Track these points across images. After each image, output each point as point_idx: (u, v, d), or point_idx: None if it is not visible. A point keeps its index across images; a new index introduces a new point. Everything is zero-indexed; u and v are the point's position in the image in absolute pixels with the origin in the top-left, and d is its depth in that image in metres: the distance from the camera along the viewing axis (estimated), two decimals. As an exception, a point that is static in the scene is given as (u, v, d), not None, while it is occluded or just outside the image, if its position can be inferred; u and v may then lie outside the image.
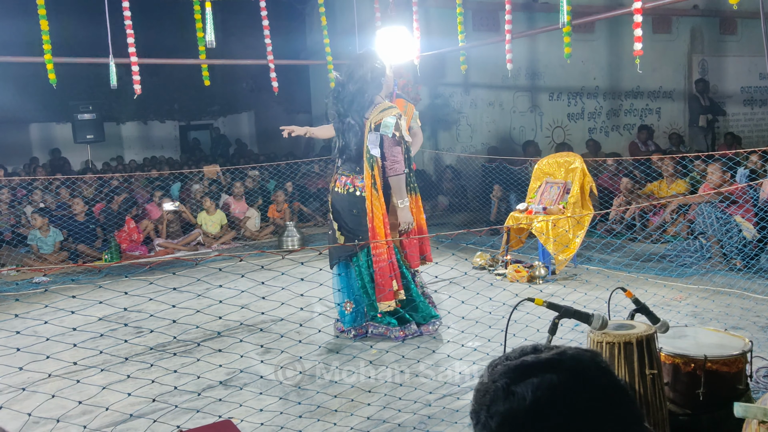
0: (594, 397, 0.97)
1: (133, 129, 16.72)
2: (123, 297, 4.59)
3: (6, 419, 3.13)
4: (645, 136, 10.86)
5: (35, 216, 7.52)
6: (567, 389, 0.96)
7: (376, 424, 2.99)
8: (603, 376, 1.00)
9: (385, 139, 4.10)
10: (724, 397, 2.50)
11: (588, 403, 0.96)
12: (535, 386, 0.96)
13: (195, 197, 9.18)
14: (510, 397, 0.97)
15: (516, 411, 0.96)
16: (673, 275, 5.49)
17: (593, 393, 0.97)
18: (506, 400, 0.97)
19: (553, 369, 0.99)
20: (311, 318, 4.74)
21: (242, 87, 16.88)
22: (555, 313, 2.26)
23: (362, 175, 4.16)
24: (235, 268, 6.32)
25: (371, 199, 4.10)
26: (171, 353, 4.10)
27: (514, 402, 0.96)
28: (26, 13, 6.98)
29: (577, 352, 1.03)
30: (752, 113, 13.51)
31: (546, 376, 0.97)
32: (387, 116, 4.08)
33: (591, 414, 0.96)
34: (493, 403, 0.99)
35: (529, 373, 0.99)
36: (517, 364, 1.02)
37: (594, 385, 0.98)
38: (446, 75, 10.48)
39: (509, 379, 0.99)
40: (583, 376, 0.99)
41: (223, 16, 14.01)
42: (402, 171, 4.12)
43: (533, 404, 0.95)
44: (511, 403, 0.97)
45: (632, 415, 0.99)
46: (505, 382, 0.99)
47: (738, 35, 13.11)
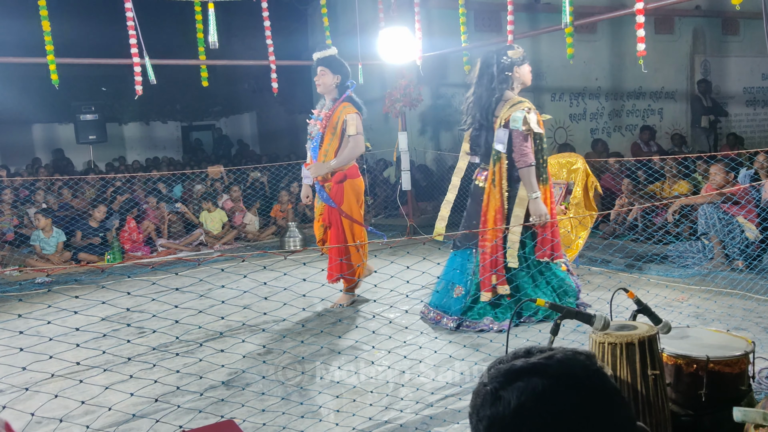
0: (580, 401, 0.97)
1: (135, 129, 16.75)
2: (126, 297, 4.60)
3: (9, 419, 3.13)
4: (647, 137, 10.84)
5: (38, 216, 7.54)
6: (551, 393, 0.96)
7: (378, 425, 2.99)
8: (591, 379, 1.00)
9: (514, 134, 4.19)
10: (727, 398, 2.50)
11: (573, 407, 0.96)
12: (520, 390, 0.97)
13: (197, 197, 9.20)
14: (497, 402, 0.98)
15: (501, 415, 0.97)
16: (675, 276, 5.49)
17: (580, 396, 0.97)
18: (493, 404, 0.98)
19: (538, 373, 0.99)
20: (313, 318, 4.74)
21: (244, 88, 16.88)
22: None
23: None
24: (237, 269, 6.33)
25: (488, 192, 4.25)
26: (173, 353, 4.11)
27: (500, 406, 0.97)
28: (28, 14, 6.99)
29: (565, 355, 1.03)
30: (755, 114, 13.49)
31: (531, 380, 0.97)
32: (515, 111, 4.16)
33: (576, 417, 0.95)
34: (482, 407, 1.00)
35: (516, 377, 0.99)
36: (507, 368, 1.02)
37: (580, 389, 0.98)
38: (448, 76, 10.48)
39: (498, 383, 1.00)
40: (569, 380, 0.98)
41: (225, 17, 14.02)
42: (531, 163, 4.20)
43: (517, 408, 0.96)
44: (497, 407, 0.97)
45: (622, 417, 0.99)
46: (494, 386, 1.00)
47: (740, 36, 13.09)
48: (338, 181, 4.92)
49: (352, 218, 4.90)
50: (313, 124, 5.07)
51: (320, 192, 4.97)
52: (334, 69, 5.00)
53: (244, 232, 8.70)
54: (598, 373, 1.02)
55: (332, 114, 4.93)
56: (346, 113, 4.90)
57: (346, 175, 4.95)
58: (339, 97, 4.98)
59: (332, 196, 4.91)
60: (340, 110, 4.92)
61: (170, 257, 7.37)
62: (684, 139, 11.57)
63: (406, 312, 4.68)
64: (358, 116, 4.94)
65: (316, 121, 5.05)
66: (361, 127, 4.94)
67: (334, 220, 4.96)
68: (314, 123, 5.06)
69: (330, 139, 4.93)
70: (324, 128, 4.95)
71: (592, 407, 0.97)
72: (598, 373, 1.02)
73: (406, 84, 7.97)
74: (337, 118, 4.91)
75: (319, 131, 4.98)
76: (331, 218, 4.97)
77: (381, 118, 10.98)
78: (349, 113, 4.90)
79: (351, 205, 4.95)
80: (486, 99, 4.27)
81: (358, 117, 4.92)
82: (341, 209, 4.89)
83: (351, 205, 4.95)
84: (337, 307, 5.00)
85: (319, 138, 4.97)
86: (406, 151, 8.09)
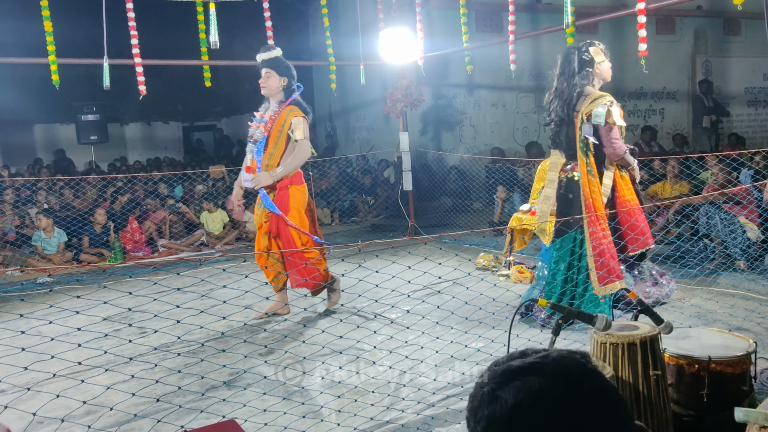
0: (576, 400, 0.97)
1: (136, 130, 16.76)
2: (127, 297, 4.60)
3: (11, 419, 3.14)
4: (648, 137, 10.83)
5: (39, 217, 7.55)
6: (548, 392, 0.97)
7: (379, 425, 2.99)
8: (587, 378, 1.01)
9: (599, 129, 4.23)
10: (728, 399, 2.50)
11: (570, 406, 0.96)
12: (517, 390, 0.97)
13: (198, 197, 9.20)
14: (494, 402, 0.98)
15: (498, 415, 0.97)
16: (676, 276, 5.48)
17: (576, 395, 0.98)
18: (490, 404, 0.99)
19: (535, 372, 0.99)
20: (314, 318, 4.74)
21: (245, 88, 16.89)
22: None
23: (575, 162, 4.35)
24: (238, 269, 6.33)
25: (588, 185, 4.25)
26: (175, 353, 4.11)
27: (497, 406, 0.97)
28: (30, 15, 7.00)
29: (560, 354, 1.04)
30: (756, 114, 13.48)
31: (528, 380, 0.98)
32: (597, 106, 4.19)
33: (572, 416, 0.96)
34: (479, 407, 1.00)
35: (512, 377, 1.00)
36: (504, 368, 1.03)
37: (577, 388, 0.99)
38: (449, 76, 10.48)
39: (495, 384, 1.01)
40: (565, 379, 0.99)
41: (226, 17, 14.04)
42: (624, 150, 4.26)
43: (514, 407, 0.96)
44: (494, 407, 0.98)
45: (619, 416, 1.00)
46: (491, 387, 1.01)
47: (742, 36, 13.08)
48: (283, 188, 4.73)
49: (297, 227, 4.68)
50: (256, 126, 4.83)
51: (264, 198, 4.73)
52: (281, 71, 4.81)
53: (245, 232, 8.71)
54: (594, 372, 1.02)
55: (278, 117, 4.73)
56: (292, 116, 4.71)
57: (291, 181, 4.74)
58: (285, 100, 4.80)
59: (277, 203, 4.70)
60: (287, 113, 4.73)
61: (172, 257, 7.38)
62: (685, 140, 11.56)
63: (407, 312, 4.68)
64: (305, 120, 4.75)
65: (260, 123, 4.82)
66: (308, 132, 4.75)
67: (281, 228, 4.73)
68: (257, 125, 4.82)
69: (275, 142, 4.73)
70: (269, 131, 4.74)
71: (588, 405, 0.97)
72: (594, 371, 1.03)
73: (408, 84, 7.97)
74: (284, 121, 4.71)
75: (263, 134, 4.76)
76: (279, 226, 4.74)
77: (382, 119, 10.98)
78: (295, 116, 4.72)
79: (296, 213, 4.74)
80: (567, 94, 4.32)
81: (305, 121, 4.74)
82: (286, 218, 4.66)
83: (296, 213, 4.74)
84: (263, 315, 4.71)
85: (264, 141, 4.76)
86: (408, 151, 8.09)
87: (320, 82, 14.17)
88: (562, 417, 0.95)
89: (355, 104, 12.61)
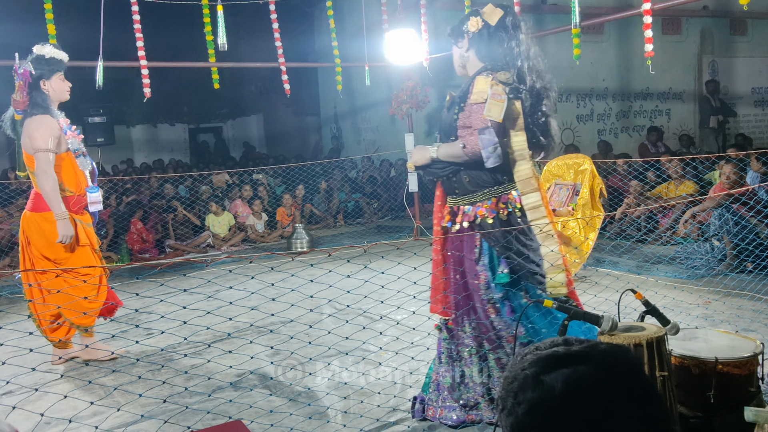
0: (623, 392, 0.97)
1: (142, 132, 16.82)
2: (134, 298, 4.61)
3: (19, 420, 3.15)
4: (655, 138, 10.80)
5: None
6: (597, 381, 0.97)
7: (385, 426, 2.99)
8: (633, 372, 1.00)
9: None
10: (736, 400, 2.48)
11: (617, 397, 0.96)
12: (566, 376, 0.97)
13: (203, 198, 9.22)
14: (539, 386, 0.98)
15: (545, 399, 0.97)
16: (683, 277, 5.46)
17: (623, 387, 0.97)
18: (535, 388, 0.98)
19: (583, 361, 0.99)
20: (321, 320, 4.75)
21: (251, 90, 16.95)
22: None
23: None
24: (244, 270, 6.35)
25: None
26: (182, 354, 4.12)
27: (543, 391, 0.97)
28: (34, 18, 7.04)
29: (608, 346, 1.04)
30: (763, 114, 13.42)
31: (577, 368, 0.98)
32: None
33: (619, 408, 0.95)
34: (522, 390, 0.99)
35: (559, 364, 0.99)
36: (549, 353, 1.02)
37: (624, 380, 0.98)
38: (455, 77, 10.39)
39: (539, 368, 1.00)
40: (613, 370, 0.99)
41: (231, 19, 14.08)
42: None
43: (563, 394, 0.96)
44: (540, 391, 0.97)
45: (662, 414, 0.99)
46: (535, 370, 1.00)
47: (748, 36, 13.03)
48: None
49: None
50: (72, 137, 4.32)
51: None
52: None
53: (250, 235, 8.74)
54: (638, 367, 1.03)
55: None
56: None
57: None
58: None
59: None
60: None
61: (178, 259, 7.40)
62: (692, 140, 11.51)
63: (413, 313, 4.67)
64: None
65: (72, 133, 4.36)
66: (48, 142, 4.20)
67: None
68: (72, 136, 4.32)
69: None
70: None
71: (634, 398, 0.97)
72: (638, 366, 1.03)
73: (413, 85, 7.97)
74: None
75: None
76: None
77: (388, 120, 10.99)
78: None
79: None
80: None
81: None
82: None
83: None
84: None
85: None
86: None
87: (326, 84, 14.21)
88: (610, 407, 0.95)
89: (360, 106, 12.61)
